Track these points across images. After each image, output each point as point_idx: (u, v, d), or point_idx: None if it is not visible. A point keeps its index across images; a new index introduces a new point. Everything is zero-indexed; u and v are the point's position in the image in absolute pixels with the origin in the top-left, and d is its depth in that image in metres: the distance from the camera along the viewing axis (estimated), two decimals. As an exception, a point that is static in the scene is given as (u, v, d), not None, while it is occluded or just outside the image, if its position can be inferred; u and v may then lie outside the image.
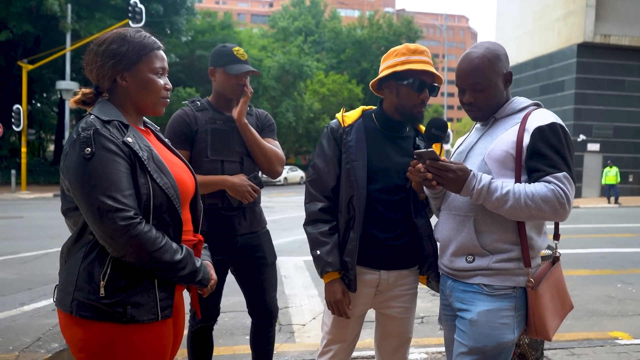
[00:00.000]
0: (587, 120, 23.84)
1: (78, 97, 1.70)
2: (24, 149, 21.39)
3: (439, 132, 1.91)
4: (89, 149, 1.48)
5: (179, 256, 1.58)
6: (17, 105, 20.84)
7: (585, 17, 23.01)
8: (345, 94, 37.77)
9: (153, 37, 1.69)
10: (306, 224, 2.13)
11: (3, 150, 24.99)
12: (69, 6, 21.13)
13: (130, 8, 18.50)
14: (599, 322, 4.76)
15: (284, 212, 14.27)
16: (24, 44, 24.95)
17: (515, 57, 27.56)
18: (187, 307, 1.94)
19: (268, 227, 2.72)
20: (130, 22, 17.74)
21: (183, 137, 2.48)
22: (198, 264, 1.65)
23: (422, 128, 2.20)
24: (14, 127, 20.89)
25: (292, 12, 45.74)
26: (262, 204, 2.71)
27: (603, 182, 21.79)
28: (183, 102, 2.63)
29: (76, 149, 1.50)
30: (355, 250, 2.02)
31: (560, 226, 1.96)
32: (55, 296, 1.61)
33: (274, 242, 2.76)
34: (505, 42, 28.63)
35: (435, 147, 2.03)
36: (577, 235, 10.24)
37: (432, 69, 2.06)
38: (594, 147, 23.96)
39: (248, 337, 2.80)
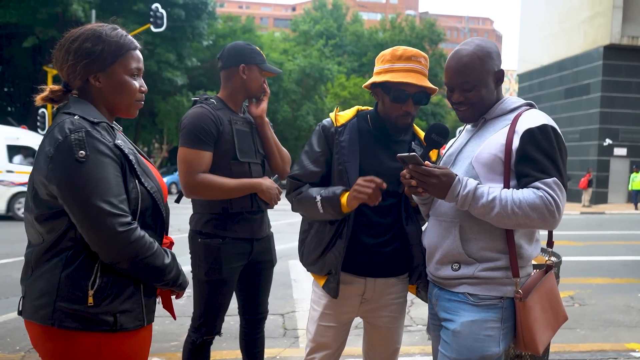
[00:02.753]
0: (614, 124, 23.26)
1: (45, 94, 1.59)
2: (49, 152, 21.87)
3: (439, 138, 1.82)
4: (83, 152, 1.41)
5: (167, 260, 1.56)
6: (43, 109, 21.28)
7: (612, 18, 22.49)
8: (367, 97, 37.59)
9: (130, 37, 1.62)
10: (291, 195, 2.06)
11: (30, 153, 25.56)
12: (94, 12, 21.56)
13: (151, 13, 18.70)
14: (615, 332, 4.58)
15: (299, 215, 14.13)
16: (49, 49, 25.52)
17: (540, 59, 27.08)
18: (183, 318, 1.87)
19: (283, 229, 2.68)
20: (151, 27, 17.96)
21: (211, 138, 2.29)
22: (180, 267, 1.64)
23: (421, 133, 2.11)
24: (39, 130, 21.35)
25: (313, 16, 45.77)
26: (277, 206, 2.62)
27: (630, 187, 21.22)
28: (192, 99, 2.49)
29: (64, 151, 1.41)
30: (341, 255, 1.96)
31: (583, 233, 1.87)
32: (21, 308, 1.52)
33: (287, 245, 2.71)
34: (530, 44, 28.21)
35: (432, 154, 1.95)
36: (599, 242, 9.86)
37: (414, 80, 1.90)
38: (620, 151, 23.36)
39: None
